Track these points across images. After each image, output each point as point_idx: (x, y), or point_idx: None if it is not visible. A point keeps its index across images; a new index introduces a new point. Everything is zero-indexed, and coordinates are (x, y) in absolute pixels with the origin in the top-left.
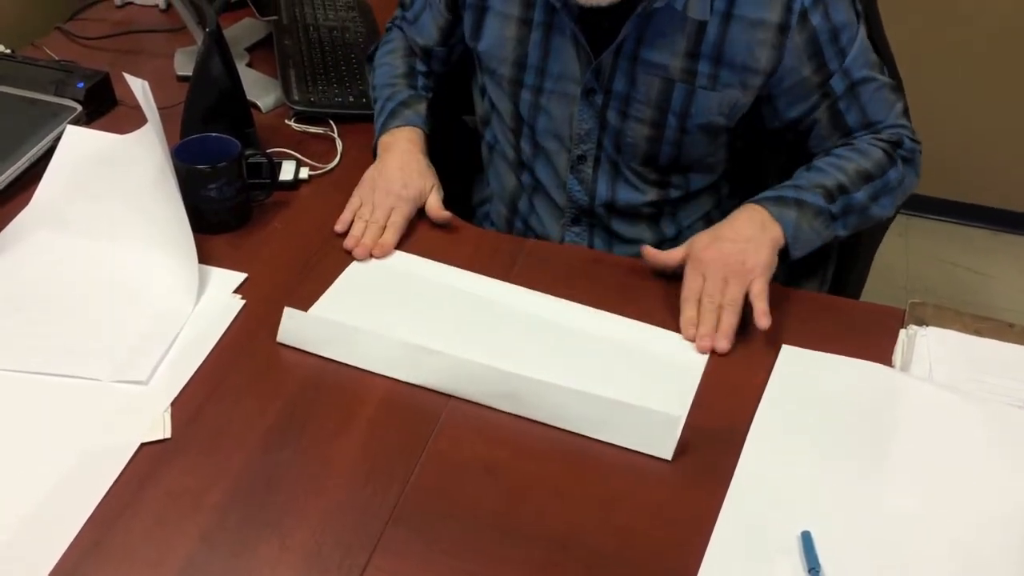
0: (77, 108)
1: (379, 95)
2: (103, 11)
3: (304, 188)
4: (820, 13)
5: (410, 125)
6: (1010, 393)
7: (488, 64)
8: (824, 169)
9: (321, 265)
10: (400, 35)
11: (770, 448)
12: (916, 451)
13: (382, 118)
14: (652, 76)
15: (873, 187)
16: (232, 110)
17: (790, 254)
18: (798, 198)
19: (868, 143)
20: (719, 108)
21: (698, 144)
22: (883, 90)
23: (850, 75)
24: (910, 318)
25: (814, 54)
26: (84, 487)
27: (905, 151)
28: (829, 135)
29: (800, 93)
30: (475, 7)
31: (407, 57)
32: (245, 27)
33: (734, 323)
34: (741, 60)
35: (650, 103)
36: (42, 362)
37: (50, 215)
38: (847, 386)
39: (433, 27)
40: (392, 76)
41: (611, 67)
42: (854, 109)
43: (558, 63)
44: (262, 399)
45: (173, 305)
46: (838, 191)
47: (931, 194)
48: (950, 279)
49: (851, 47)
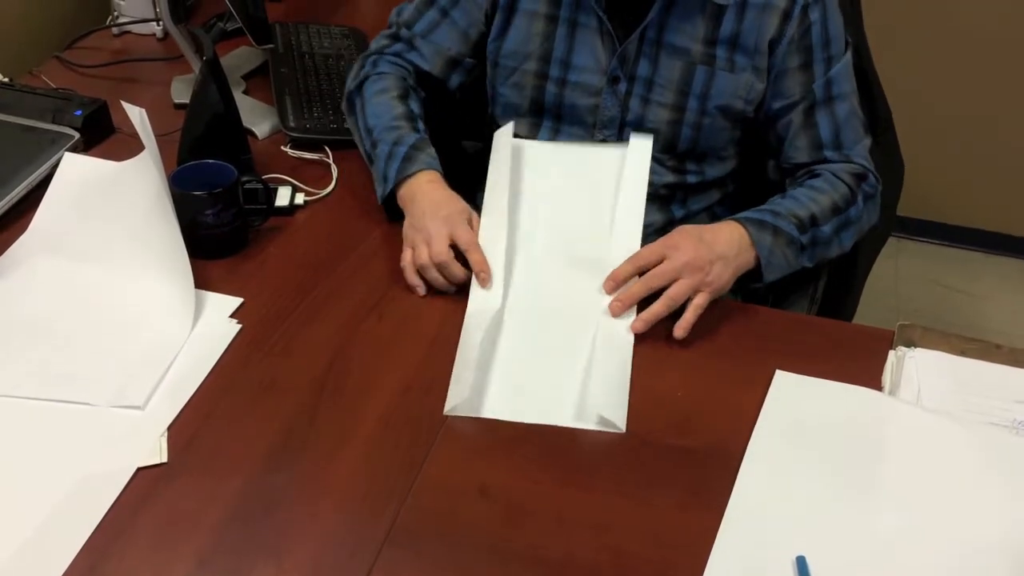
0: (75, 136)
1: (381, 137)
2: (101, 40)
3: (300, 213)
4: (819, 13)
5: (429, 169)
6: (997, 414)
7: (511, 63)
8: (799, 199)
9: (316, 289)
10: (391, 69)
11: (765, 473)
12: (908, 476)
13: (395, 163)
14: (674, 60)
15: (839, 220)
16: (228, 137)
17: (763, 277)
18: (775, 224)
19: (836, 176)
20: (736, 91)
21: (716, 130)
22: (856, 119)
23: (831, 87)
24: (899, 339)
25: (805, 48)
26: (81, 512)
27: (869, 187)
28: (803, 145)
29: (784, 84)
30: (506, 7)
31: (403, 98)
32: (241, 55)
33: (660, 314)
34: (753, 44)
35: (672, 86)
36: (39, 387)
37: (47, 241)
38: (840, 412)
39: (456, 36)
40: (394, 118)
41: (636, 53)
42: (829, 123)
43: (582, 56)
44: (258, 423)
45: (169, 330)
46: (810, 222)
47: (921, 216)
48: (941, 300)
49: (838, 61)
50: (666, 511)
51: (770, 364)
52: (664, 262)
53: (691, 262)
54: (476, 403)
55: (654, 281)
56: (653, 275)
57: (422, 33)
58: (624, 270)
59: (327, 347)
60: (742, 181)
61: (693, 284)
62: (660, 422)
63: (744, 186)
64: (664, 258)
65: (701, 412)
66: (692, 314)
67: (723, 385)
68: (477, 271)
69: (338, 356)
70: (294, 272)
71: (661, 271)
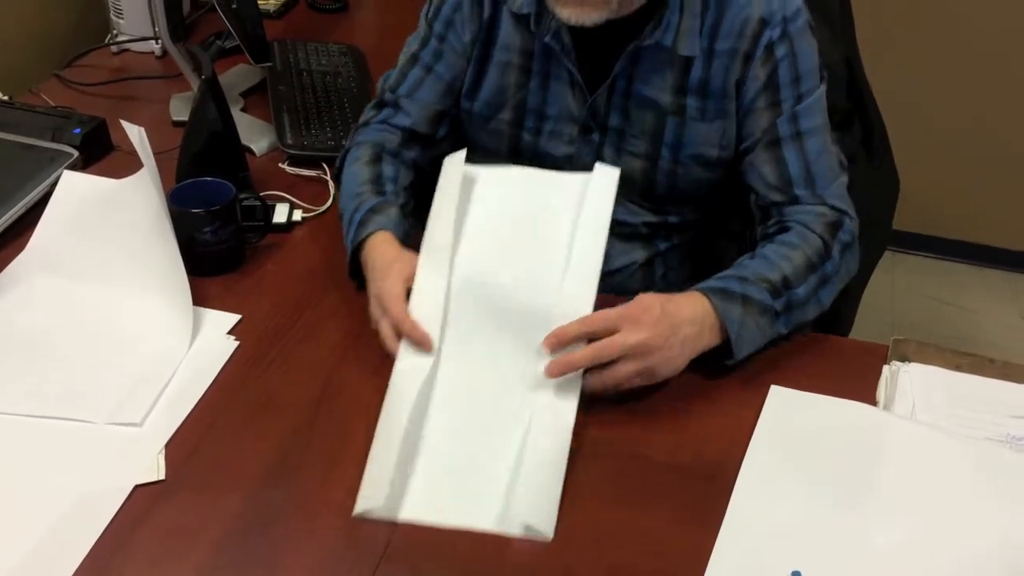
0: (74, 154)
1: (345, 207)
2: (100, 58)
3: (297, 230)
4: (785, 50)
5: (381, 229)
6: (991, 428)
7: (486, 112)
8: (769, 259)
9: (314, 306)
10: (371, 136)
11: (760, 488)
12: (903, 491)
13: (352, 230)
14: (645, 111)
15: (816, 279)
16: (226, 154)
17: (733, 355)
18: (744, 293)
19: (808, 228)
20: (709, 139)
21: (692, 177)
22: (830, 156)
23: (798, 121)
24: (893, 354)
25: (772, 87)
26: (79, 529)
27: (845, 234)
28: (772, 182)
29: (751, 123)
30: (478, 59)
31: (373, 164)
32: (240, 73)
33: (593, 388)
34: (721, 88)
35: (644, 137)
36: (37, 405)
37: (46, 259)
38: (835, 427)
39: (442, 89)
40: (358, 185)
41: (606, 104)
42: (798, 159)
43: (556, 106)
44: (256, 439)
45: (167, 347)
46: (783, 285)
47: (916, 231)
48: (935, 315)
49: (808, 96)
50: (662, 526)
51: (765, 379)
52: (617, 335)
53: (645, 343)
54: (393, 506)
55: (601, 354)
56: (601, 348)
57: (407, 93)
58: (571, 332)
59: (325, 364)
60: (729, 213)
61: (639, 369)
62: (655, 437)
63: (730, 216)
64: (618, 330)
65: (696, 427)
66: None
67: (718, 400)
68: (414, 342)
69: (335, 373)
70: (292, 289)
71: (610, 346)
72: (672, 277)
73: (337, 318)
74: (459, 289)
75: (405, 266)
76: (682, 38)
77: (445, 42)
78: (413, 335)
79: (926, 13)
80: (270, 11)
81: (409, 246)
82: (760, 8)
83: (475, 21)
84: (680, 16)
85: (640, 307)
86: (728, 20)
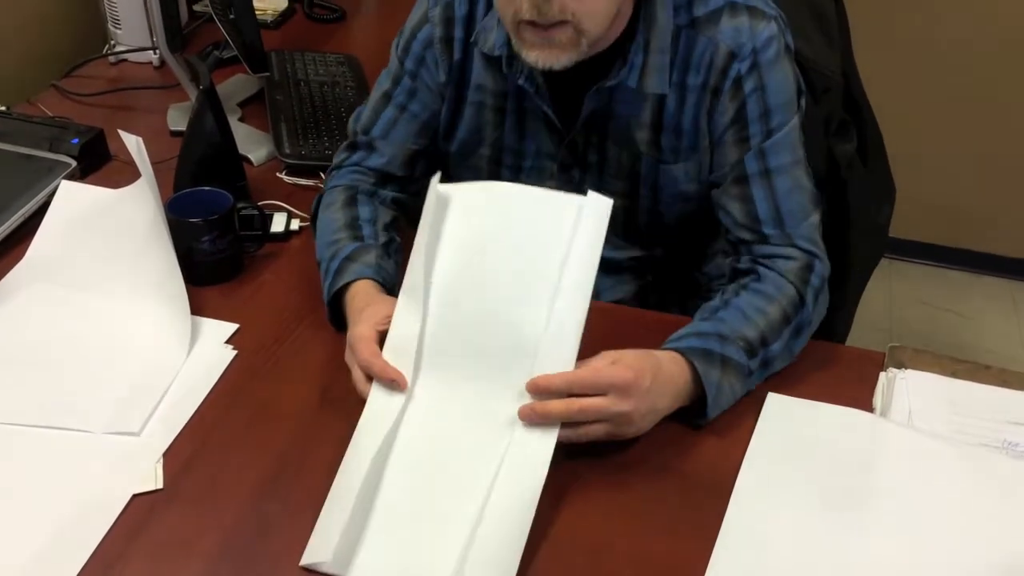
0: (71, 164)
1: (321, 256)
2: (98, 68)
3: (295, 239)
4: (754, 84)
5: (359, 279)
6: (988, 434)
7: (464, 152)
8: (746, 314)
9: (312, 315)
10: (344, 180)
11: (758, 496)
12: (900, 499)
13: (328, 279)
14: (621, 149)
15: (789, 331)
16: (224, 164)
17: (707, 415)
18: (723, 354)
19: (782, 276)
20: (687, 176)
21: (674, 211)
22: (800, 193)
23: (767, 158)
24: (889, 361)
25: (740, 122)
26: (76, 539)
27: (816, 278)
28: (740, 220)
29: (720, 157)
30: (452, 100)
31: (347, 207)
32: (237, 83)
33: (569, 438)
34: (693, 125)
35: (621, 175)
36: (35, 414)
37: (44, 268)
38: (832, 434)
39: (417, 128)
40: (333, 232)
41: (583, 142)
42: (767, 200)
43: (533, 144)
44: (254, 449)
45: (165, 356)
46: (760, 344)
47: (913, 238)
48: (933, 322)
49: (778, 131)
50: (659, 534)
51: (762, 386)
52: (600, 399)
53: (627, 415)
54: (342, 563)
55: (580, 415)
56: (582, 410)
57: (381, 134)
58: (555, 385)
59: (323, 373)
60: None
61: (611, 432)
62: (652, 445)
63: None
64: (604, 395)
65: (694, 434)
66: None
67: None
68: (385, 383)
69: (334, 382)
70: (289, 298)
71: (591, 409)
72: (667, 300)
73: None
74: (435, 326)
75: (376, 311)
76: (649, 76)
77: (418, 79)
78: (383, 376)
79: (923, 22)
80: (268, 21)
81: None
82: (729, 40)
83: (446, 61)
84: (645, 54)
85: (631, 376)
86: (697, 54)
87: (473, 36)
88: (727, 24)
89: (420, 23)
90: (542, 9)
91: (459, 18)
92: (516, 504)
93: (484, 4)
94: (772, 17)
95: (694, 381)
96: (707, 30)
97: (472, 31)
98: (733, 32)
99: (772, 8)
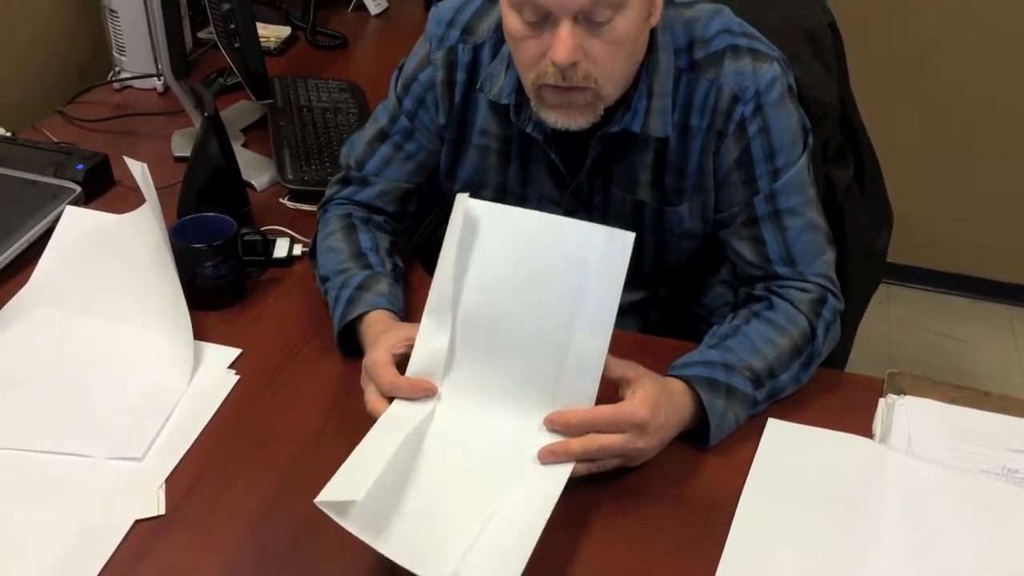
0: (76, 189)
1: (331, 285)
2: (102, 94)
3: (298, 264)
4: (758, 126)
5: (374, 309)
6: (987, 461)
7: (466, 192)
8: (754, 343)
9: (314, 340)
10: (338, 211)
11: (758, 522)
12: (901, 526)
13: (339, 308)
14: (624, 194)
15: (799, 363)
16: (228, 190)
17: (709, 442)
18: (729, 384)
19: (795, 306)
20: (692, 217)
21: (680, 251)
22: (813, 232)
23: (776, 200)
24: (889, 387)
25: (746, 164)
26: (79, 565)
27: (829, 312)
28: (751, 260)
29: (727, 197)
30: (454, 142)
31: (348, 237)
32: (241, 109)
33: (579, 472)
34: (697, 166)
35: (626, 219)
36: (38, 440)
37: (48, 293)
38: (832, 461)
39: (412, 168)
40: (340, 262)
41: (588, 187)
42: (778, 241)
43: (537, 188)
44: (256, 474)
45: (168, 382)
46: (767, 375)
47: (912, 263)
48: (933, 347)
49: (786, 172)
50: (661, 560)
51: (765, 413)
52: (618, 437)
53: (642, 450)
54: (345, 511)
55: (600, 454)
56: (602, 448)
57: (376, 171)
58: (575, 422)
59: (326, 397)
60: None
61: (623, 463)
62: (654, 470)
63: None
64: (624, 433)
65: (695, 460)
66: (586, 470)
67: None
68: (416, 395)
69: (336, 406)
70: (292, 323)
71: (610, 448)
72: (668, 334)
73: (337, 351)
74: (460, 348)
75: (392, 336)
76: (653, 119)
77: (416, 120)
78: (413, 389)
79: (921, 48)
80: (271, 48)
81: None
82: (732, 83)
83: (447, 103)
84: (648, 99)
85: (649, 414)
86: (700, 96)
87: (479, 82)
88: (730, 67)
89: (422, 65)
90: (566, 75)
91: (462, 63)
92: (523, 523)
93: (488, 51)
94: (774, 59)
95: (698, 409)
96: (708, 73)
97: (475, 76)
98: (736, 75)
99: (774, 50)
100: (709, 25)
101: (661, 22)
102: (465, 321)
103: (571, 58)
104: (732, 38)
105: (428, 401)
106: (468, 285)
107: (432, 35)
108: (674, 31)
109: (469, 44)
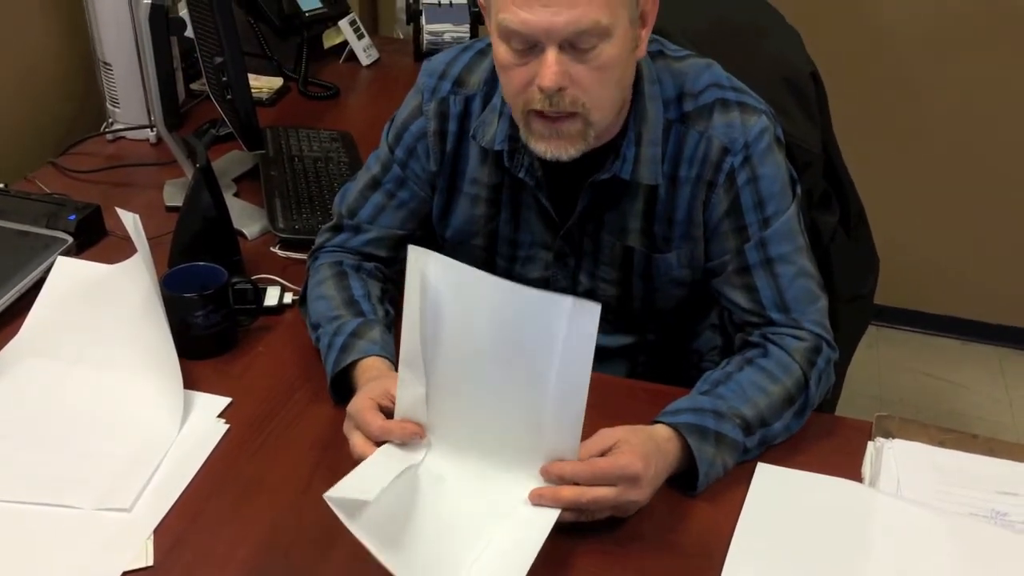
0: (68, 240)
1: (323, 332)
2: (95, 145)
3: (288, 313)
4: (747, 176)
5: (368, 356)
6: (977, 504)
7: (458, 239)
8: (746, 391)
9: (304, 388)
10: (328, 260)
11: (749, 567)
12: (890, 568)
13: (333, 355)
14: (614, 239)
15: (791, 412)
16: (219, 239)
17: (696, 488)
18: (718, 431)
19: (789, 354)
20: (680, 264)
21: (668, 297)
22: (805, 279)
23: (767, 248)
24: (877, 430)
25: (736, 213)
26: None
27: (823, 360)
28: (745, 307)
29: (718, 246)
30: (445, 190)
31: (339, 284)
32: (232, 159)
33: (565, 519)
34: (686, 215)
35: (615, 264)
36: (27, 491)
37: (39, 343)
38: (822, 505)
39: (405, 215)
40: (332, 308)
41: (579, 232)
42: (771, 288)
43: (528, 235)
44: (245, 524)
45: (157, 431)
46: (758, 424)
47: (900, 305)
48: (922, 389)
49: (775, 220)
50: None
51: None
52: (611, 489)
53: (634, 502)
54: (354, 513)
55: (592, 506)
56: (594, 499)
57: (369, 219)
58: (568, 474)
59: (315, 446)
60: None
61: (614, 514)
62: (644, 516)
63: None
64: (616, 486)
65: (684, 505)
66: (576, 518)
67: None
68: (406, 437)
69: (326, 455)
70: (282, 371)
71: (603, 500)
72: (657, 378)
73: (327, 400)
74: (437, 396)
75: (376, 386)
76: (642, 168)
77: (407, 168)
78: (404, 432)
79: (902, 95)
80: (263, 99)
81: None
82: (722, 136)
83: (438, 152)
84: (637, 147)
85: (641, 467)
86: (689, 148)
87: (472, 130)
88: (719, 120)
89: (413, 115)
90: (553, 100)
91: (454, 114)
92: (510, 564)
93: (479, 102)
94: (762, 111)
95: (686, 455)
96: (698, 125)
97: (466, 126)
98: (726, 128)
99: (761, 103)
100: (699, 79)
101: (651, 73)
102: (439, 373)
103: (558, 83)
104: (721, 92)
105: (418, 446)
106: (436, 341)
107: (424, 87)
108: (663, 83)
109: (460, 96)
